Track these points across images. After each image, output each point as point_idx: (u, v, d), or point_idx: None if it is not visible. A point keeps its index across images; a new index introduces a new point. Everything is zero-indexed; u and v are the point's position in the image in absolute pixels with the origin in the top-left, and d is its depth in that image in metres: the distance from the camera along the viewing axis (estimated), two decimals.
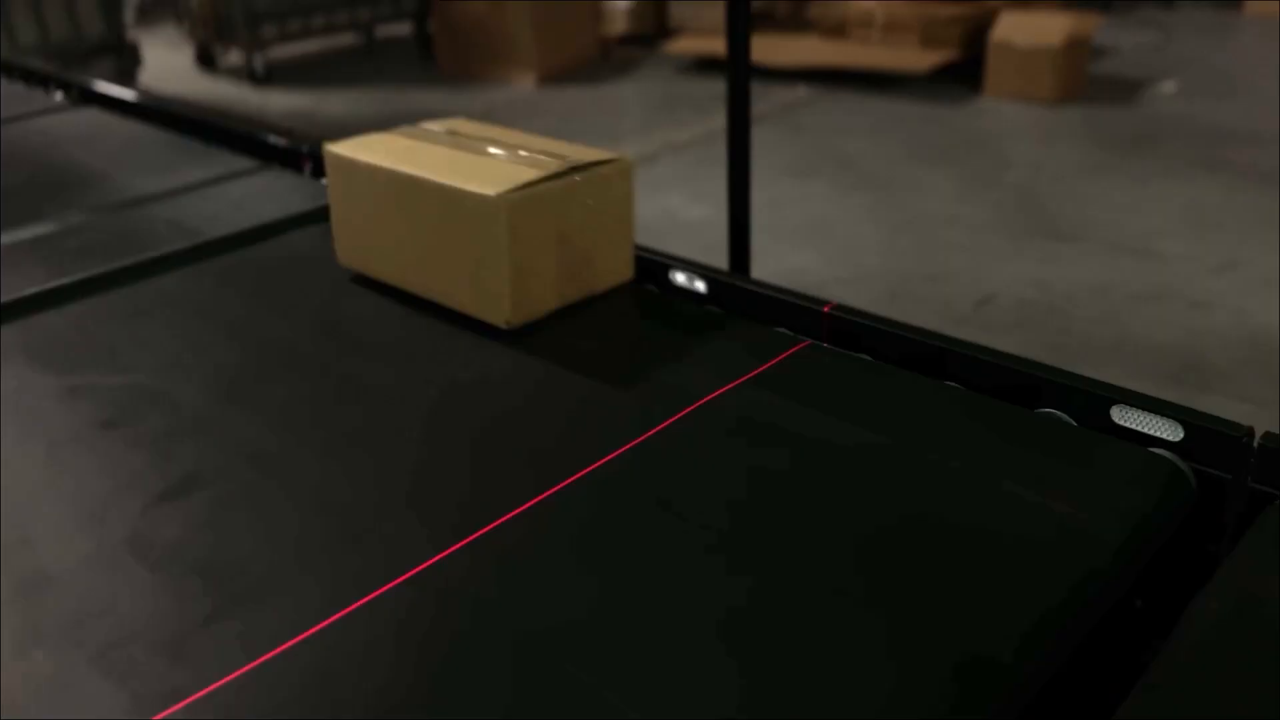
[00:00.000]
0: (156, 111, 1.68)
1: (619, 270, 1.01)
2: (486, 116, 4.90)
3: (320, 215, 1.23)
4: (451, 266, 0.94)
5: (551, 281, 0.94)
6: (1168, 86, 4.65)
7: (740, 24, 1.16)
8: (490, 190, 0.88)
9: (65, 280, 1.07)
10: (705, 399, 0.81)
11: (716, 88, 1.27)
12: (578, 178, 0.93)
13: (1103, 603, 0.63)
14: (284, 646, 0.59)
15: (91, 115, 1.70)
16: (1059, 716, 0.62)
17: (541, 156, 0.95)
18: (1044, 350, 2.55)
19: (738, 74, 1.19)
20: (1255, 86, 4.63)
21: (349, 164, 1.01)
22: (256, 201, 1.27)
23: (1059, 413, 0.79)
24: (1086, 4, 5.49)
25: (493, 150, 0.99)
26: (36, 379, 0.89)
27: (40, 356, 0.93)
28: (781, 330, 0.94)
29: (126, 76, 4.74)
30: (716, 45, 4.45)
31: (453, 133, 1.05)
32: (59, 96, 1.86)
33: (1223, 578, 0.61)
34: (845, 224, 3.39)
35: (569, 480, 0.72)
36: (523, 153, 0.97)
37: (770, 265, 3.02)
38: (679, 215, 3.48)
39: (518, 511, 0.69)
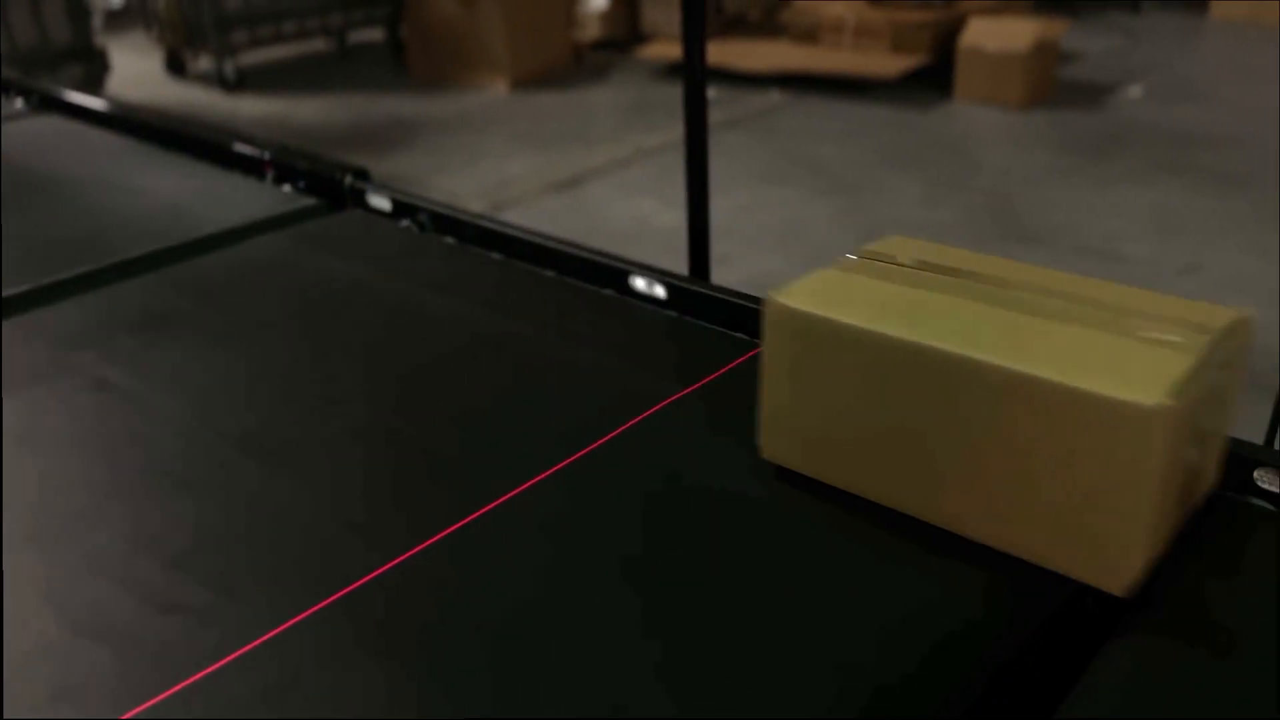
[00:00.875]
0: (119, 118, 1.67)
1: (1210, 472, 0.69)
2: (460, 121, 4.87)
3: (284, 220, 1.22)
4: (1020, 496, 0.63)
5: (1170, 514, 0.63)
6: (1134, 91, 4.70)
7: (695, 29, 1.17)
8: (1139, 395, 0.57)
9: (24, 288, 1.06)
10: (664, 403, 0.82)
11: None
12: (1213, 355, 0.62)
13: (1050, 601, 0.64)
14: None
15: (53, 122, 1.69)
16: (1008, 715, 0.63)
17: (1143, 321, 0.64)
18: None
19: (694, 75, 1.19)
20: (1219, 90, 4.69)
21: (825, 326, 0.68)
22: (219, 208, 1.26)
23: None
24: (1055, 9, 5.54)
25: (1054, 306, 0.67)
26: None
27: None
28: (740, 335, 0.95)
29: (95, 83, 4.70)
30: None
31: (942, 268, 0.73)
32: (19, 103, 1.85)
33: (1173, 579, 0.62)
34: (816, 228, 3.41)
35: (524, 486, 0.72)
36: (1108, 313, 0.66)
37: (741, 270, 3.03)
38: (651, 221, 3.49)
39: (475, 516, 0.69)
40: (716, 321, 0.97)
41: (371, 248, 1.14)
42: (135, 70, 5.64)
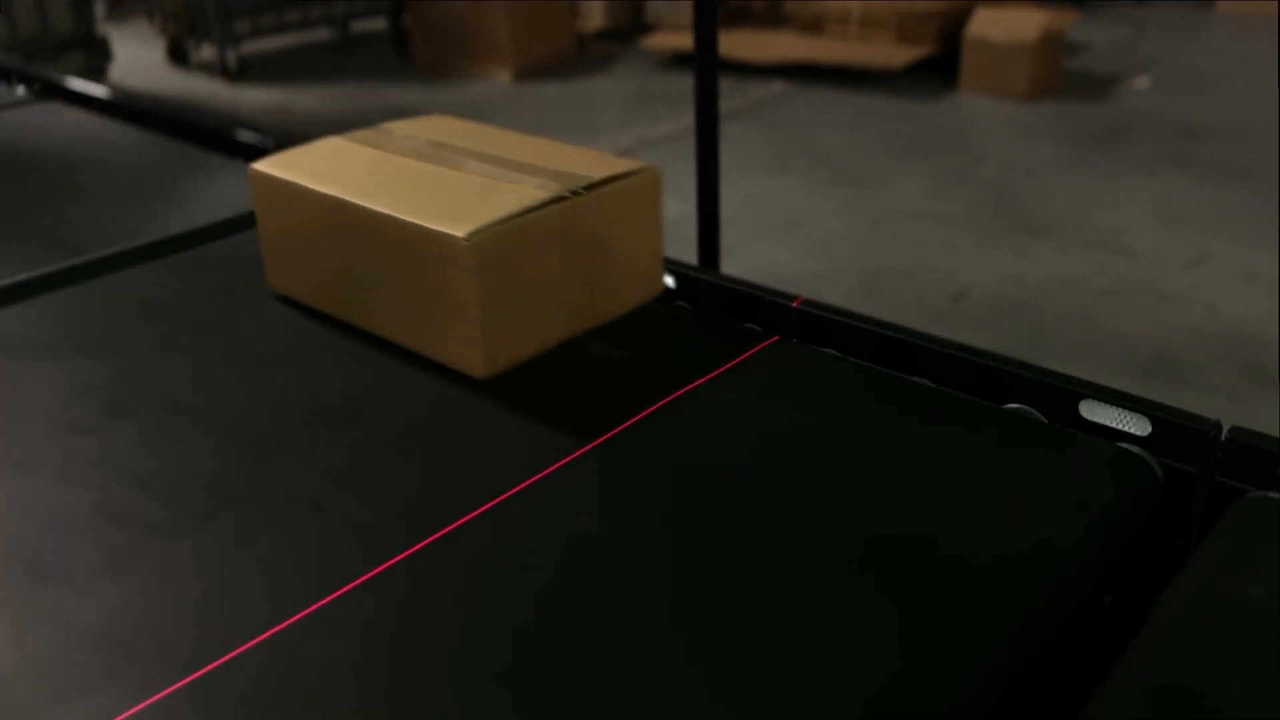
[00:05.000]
0: (121, 106, 1.66)
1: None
2: (463, 111, 4.90)
3: None
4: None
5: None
6: (1140, 82, 4.68)
7: (707, 18, 1.16)
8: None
9: (24, 276, 1.05)
10: (673, 395, 0.81)
11: (692, 83, 1.27)
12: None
13: (1069, 598, 0.63)
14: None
15: (55, 110, 1.67)
16: (1028, 713, 0.62)
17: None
18: (1017, 345, 2.56)
19: (705, 62, 1.18)
20: (1226, 82, 4.67)
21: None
22: (220, 197, 1.25)
23: (1027, 408, 0.79)
24: (1061, 0, 5.51)
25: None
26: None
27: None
28: (750, 325, 0.93)
29: (96, 72, 4.68)
30: (692, 40, 4.43)
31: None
32: (21, 90, 1.83)
33: (1190, 573, 0.61)
34: (820, 219, 3.39)
35: (534, 479, 0.71)
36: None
37: (745, 260, 3.02)
38: None
39: (481, 510, 0.68)
40: (728, 311, 0.96)
41: None
42: (137, 59, 5.62)
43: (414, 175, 0.86)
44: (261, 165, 0.93)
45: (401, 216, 0.80)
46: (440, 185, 0.84)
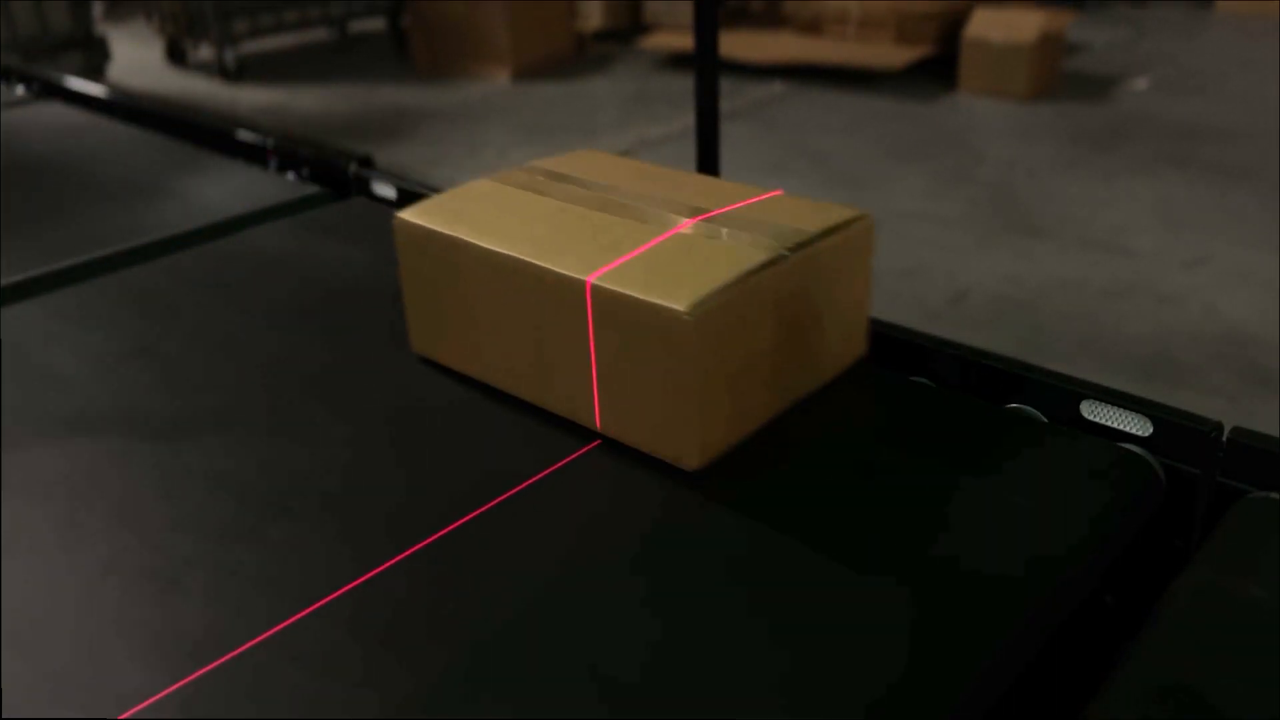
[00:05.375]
0: (120, 106, 1.65)
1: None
2: (462, 112, 4.85)
3: (287, 209, 1.21)
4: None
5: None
6: (1139, 83, 4.68)
7: (707, 18, 1.16)
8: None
9: (24, 275, 1.05)
10: None
11: (691, 83, 1.28)
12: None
13: (1070, 598, 0.63)
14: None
15: (54, 109, 1.67)
16: (1030, 713, 0.62)
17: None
18: (1017, 346, 2.56)
19: (705, 62, 1.18)
20: (1225, 83, 4.67)
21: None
22: (221, 196, 1.25)
23: (1029, 408, 0.79)
24: (1060, 1, 5.52)
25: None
26: None
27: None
28: None
29: (95, 72, 4.68)
30: (691, 41, 4.42)
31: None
32: (20, 90, 1.83)
33: (1192, 573, 0.61)
34: None
35: (538, 476, 0.71)
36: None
37: None
38: None
39: (476, 513, 0.68)
40: None
41: (376, 236, 1.12)
42: (135, 59, 5.62)
43: (597, 229, 0.73)
44: (410, 215, 0.80)
45: (606, 285, 0.68)
46: (632, 242, 0.71)
